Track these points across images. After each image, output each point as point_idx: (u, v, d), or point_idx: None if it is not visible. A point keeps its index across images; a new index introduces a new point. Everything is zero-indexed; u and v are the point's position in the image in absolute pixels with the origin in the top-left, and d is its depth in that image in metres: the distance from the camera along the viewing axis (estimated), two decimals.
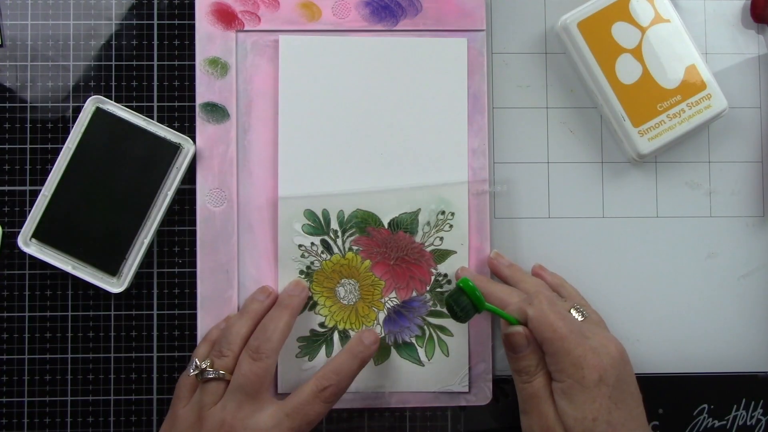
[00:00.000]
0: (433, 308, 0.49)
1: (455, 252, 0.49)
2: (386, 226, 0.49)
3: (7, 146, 0.49)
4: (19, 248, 0.48)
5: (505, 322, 0.43)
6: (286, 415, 0.43)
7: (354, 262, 0.49)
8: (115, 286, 0.48)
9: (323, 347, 0.49)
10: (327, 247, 0.49)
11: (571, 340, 0.41)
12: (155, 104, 0.50)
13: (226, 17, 0.49)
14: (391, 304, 0.49)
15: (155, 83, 0.50)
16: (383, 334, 0.49)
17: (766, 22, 0.51)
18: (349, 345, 0.46)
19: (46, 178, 0.48)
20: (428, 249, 0.49)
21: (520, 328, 0.42)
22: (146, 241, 0.48)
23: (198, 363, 0.45)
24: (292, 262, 0.49)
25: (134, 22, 0.50)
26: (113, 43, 0.50)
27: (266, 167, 0.49)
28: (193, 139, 0.49)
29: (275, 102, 0.49)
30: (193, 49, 0.50)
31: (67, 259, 0.48)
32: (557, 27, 0.50)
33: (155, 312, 0.49)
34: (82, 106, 0.48)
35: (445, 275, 0.49)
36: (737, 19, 0.52)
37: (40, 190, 0.48)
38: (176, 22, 0.50)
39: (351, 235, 0.49)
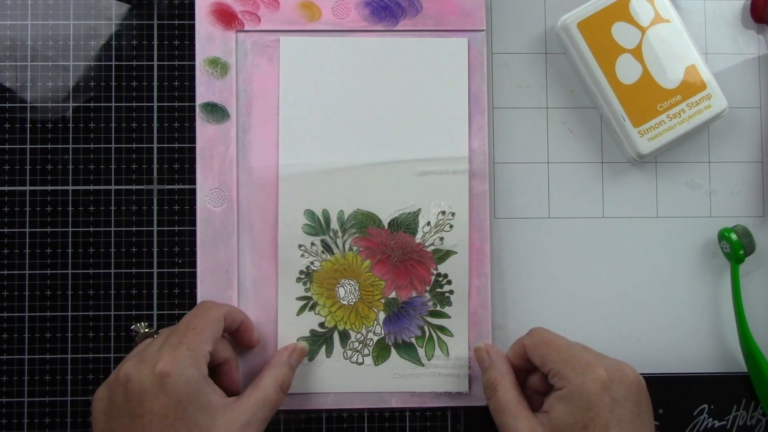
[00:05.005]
0: (433, 308, 0.49)
1: (456, 252, 0.49)
2: (386, 226, 0.49)
3: (7, 146, 0.49)
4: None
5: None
6: None
7: (354, 262, 0.49)
8: None
9: (323, 347, 0.49)
10: (327, 247, 0.49)
11: (575, 349, 0.42)
12: (155, 104, 0.50)
13: (226, 17, 0.49)
14: (391, 304, 0.49)
15: (155, 83, 0.50)
16: (383, 334, 0.49)
17: (766, 22, 0.51)
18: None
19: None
20: (428, 249, 0.49)
21: (482, 344, 0.47)
22: None
23: None
24: (292, 262, 0.49)
25: (134, 22, 0.50)
26: (113, 43, 0.50)
27: (266, 167, 0.49)
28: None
29: (275, 102, 0.49)
30: (193, 49, 0.50)
31: None
32: (557, 27, 0.50)
33: (155, 312, 0.49)
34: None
35: (446, 275, 0.49)
36: (737, 19, 0.52)
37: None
38: (176, 22, 0.50)
39: (351, 235, 0.49)
